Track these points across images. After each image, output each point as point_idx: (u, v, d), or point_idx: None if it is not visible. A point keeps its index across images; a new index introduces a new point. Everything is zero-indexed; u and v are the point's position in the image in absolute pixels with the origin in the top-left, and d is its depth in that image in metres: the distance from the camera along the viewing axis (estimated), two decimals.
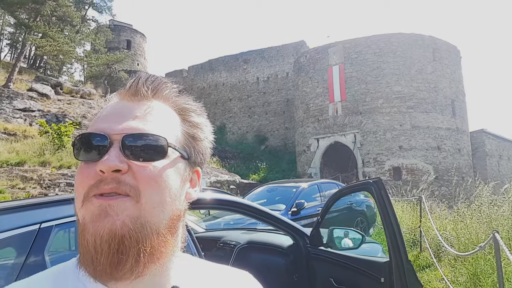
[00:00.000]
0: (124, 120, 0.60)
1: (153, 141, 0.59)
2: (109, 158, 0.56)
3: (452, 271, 5.32)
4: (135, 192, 0.56)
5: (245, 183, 19.15)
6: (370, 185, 2.09)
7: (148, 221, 0.56)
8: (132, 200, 0.55)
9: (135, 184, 0.56)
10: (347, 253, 2.45)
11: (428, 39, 21.69)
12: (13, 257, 1.42)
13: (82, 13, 31.06)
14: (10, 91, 19.15)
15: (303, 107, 24.04)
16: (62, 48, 22.80)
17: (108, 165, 0.55)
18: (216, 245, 3.15)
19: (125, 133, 0.58)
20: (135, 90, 0.64)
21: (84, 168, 0.58)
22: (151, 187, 0.57)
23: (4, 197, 9.39)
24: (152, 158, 0.59)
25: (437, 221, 6.93)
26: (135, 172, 0.57)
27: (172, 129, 0.64)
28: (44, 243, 1.45)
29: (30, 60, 34.15)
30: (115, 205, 0.54)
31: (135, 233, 0.54)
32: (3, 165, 11.61)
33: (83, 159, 0.59)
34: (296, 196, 7.43)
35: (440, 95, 21.16)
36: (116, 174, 0.56)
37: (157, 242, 0.57)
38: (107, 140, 0.58)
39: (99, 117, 0.63)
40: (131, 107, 0.62)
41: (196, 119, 0.69)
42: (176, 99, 0.68)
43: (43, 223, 1.46)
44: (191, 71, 37.10)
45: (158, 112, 0.63)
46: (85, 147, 0.59)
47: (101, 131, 0.59)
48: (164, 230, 0.59)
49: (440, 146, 20.56)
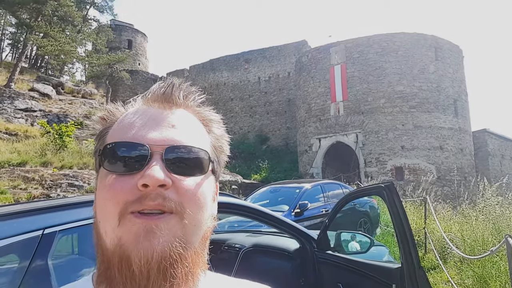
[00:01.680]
0: (162, 129, 0.55)
1: (196, 154, 0.56)
2: (154, 170, 0.51)
3: (458, 273, 5.27)
4: (181, 209, 0.52)
5: (247, 183, 19.11)
6: (381, 189, 2.04)
7: (189, 240, 0.53)
8: (176, 218, 0.52)
9: (180, 200, 0.52)
10: (356, 258, 2.40)
11: (430, 39, 21.63)
12: (16, 263, 1.40)
13: (83, 13, 31.06)
14: (11, 91, 19.15)
15: (305, 107, 24.00)
16: (63, 48, 22.81)
17: (156, 179, 0.50)
18: (221, 248, 3.11)
19: (168, 144, 0.54)
20: (169, 96, 0.60)
21: (116, 181, 0.52)
22: (194, 204, 0.54)
23: (6, 198, 9.37)
24: (193, 172, 0.55)
25: (442, 222, 6.88)
26: (179, 188, 0.53)
27: (205, 141, 0.61)
28: (48, 249, 1.42)
29: (32, 60, 34.16)
30: (162, 225, 0.50)
31: (183, 254, 0.51)
32: (5, 166, 11.59)
33: (117, 170, 0.53)
34: (299, 197, 7.39)
35: (442, 94, 21.10)
36: (160, 189, 0.51)
37: (196, 261, 0.54)
38: (148, 151, 0.53)
39: (127, 123, 0.57)
40: (165, 114, 0.58)
41: (218, 131, 0.66)
42: (201, 109, 0.65)
43: (46, 228, 1.42)
44: (193, 70, 37.10)
45: (191, 122, 0.60)
46: (119, 157, 0.53)
47: (140, 141, 0.53)
48: (199, 248, 0.56)
49: (443, 146, 20.50)
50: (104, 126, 0.61)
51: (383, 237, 6.78)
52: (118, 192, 0.51)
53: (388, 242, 5.54)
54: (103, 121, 0.62)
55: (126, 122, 0.58)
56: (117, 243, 0.50)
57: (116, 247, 0.50)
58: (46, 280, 1.43)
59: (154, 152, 0.53)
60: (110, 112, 0.62)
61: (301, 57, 25.41)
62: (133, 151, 0.53)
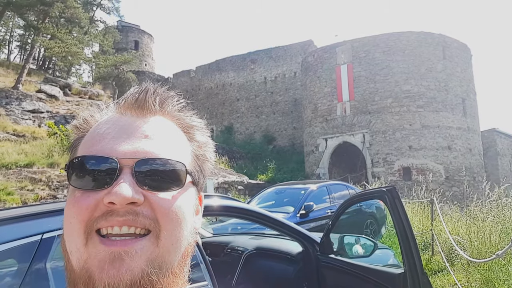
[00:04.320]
0: (134, 140, 0.51)
1: (171, 167, 0.52)
2: (122, 187, 0.47)
3: (466, 276, 5.20)
4: (155, 226, 0.48)
5: (253, 184, 19.09)
6: (383, 193, 2.01)
7: (165, 261, 0.49)
8: (151, 238, 0.48)
9: (155, 217, 0.49)
10: (359, 262, 2.37)
11: (437, 37, 21.43)
12: (14, 268, 1.40)
13: (90, 14, 31.26)
14: (19, 93, 19.31)
15: (311, 107, 23.92)
16: (70, 49, 22.96)
17: (122, 197, 0.46)
18: (224, 250, 3.10)
19: (139, 157, 0.50)
20: (143, 103, 0.56)
21: (82, 197, 0.49)
22: (170, 221, 0.50)
23: (14, 199, 9.45)
24: (169, 186, 0.51)
25: (449, 224, 6.80)
26: (152, 203, 0.49)
27: (184, 151, 0.56)
28: (46, 254, 1.43)
29: (39, 61, 34.48)
30: (133, 250, 0.46)
31: (156, 281, 0.47)
32: (12, 167, 11.69)
33: (83, 186, 0.49)
34: (304, 198, 7.35)
35: (450, 94, 20.90)
36: (130, 206, 0.47)
37: (173, 283, 0.50)
38: (117, 165, 0.49)
39: (97, 134, 0.53)
40: (137, 123, 0.54)
41: (201, 138, 0.61)
42: (181, 115, 0.60)
43: (45, 233, 1.42)
44: (199, 71, 37.18)
45: (167, 131, 0.56)
46: (85, 172, 0.50)
47: (108, 154, 0.50)
48: (177, 268, 0.52)
49: (451, 145, 20.30)
50: (77, 136, 0.58)
51: (390, 238, 6.72)
52: (83, 210, 0.48)
53: (395, 244, 5.49)
54: (76, 130, 0.59)
55: (96, 133, 0.54)
56: (82, 265, 0.47)
57: (82, 270, 0.47)
58: (45, 285, 1.43)
59: (123, 166, 0.49)
60: (84, 120, 0.59)
61: (307, 57, 25.34)
62: (101, 164, 0.49)
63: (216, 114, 34.56)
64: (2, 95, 18.49)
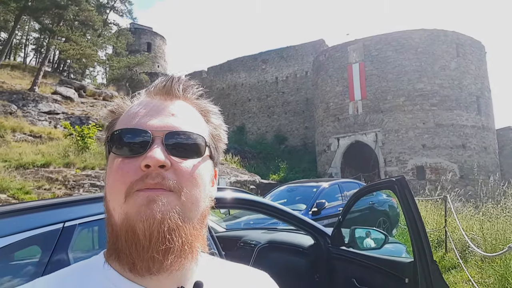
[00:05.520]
0: (163, 118, 0.62)
1: (193, 139, 0.62)
2: (155, 152, 0.57)
3: (479, 272, 5.15)
4: (178, 187, 0.58)
5: (265, 183, 19.13)
6: (393, 183, 2.04)
7: (187, 215, 0.58)
8: (174, 195, 0.57)
9: (178, 180, 0.58)
10: (370, 253, 2.40)
11: (451, 35, 21.18)
12: (38, 254, 1.45)
13: (103, 17, 31.68)
14: (35, 95, 19.74)
15: (323, 106, 23.85)
16: (84, 51, 23.36)
17: (156, 160, 0.56)
18: (237, 244, 3.15)
19: (168, 130, 0.60)
20: (169, 89, 0.65)
21: (123, 163, 0.59)
22: (190, 183, 0.59)
23: (31, 198, 9.66)
24: (191, 155, 0.61)
25: (463, 221, 6.74)
26: (177, 169, 0.59)
27: (204, 128, 0.66)
28: (68, 241, 1.47)
29: (54, 64, 35.11)
30: (162, 196, 0.56)
31: (181, 225, 0.57)
32: (30, 167, 11.96)
33: (123, 154, 0.59)
34: (316, 195, 7.36)
35: (464, 92, 20.63)
36: (160, 169, 0.57)
37: (194, 236, 0.59)
38: (150, 136, 0.59)
39: (132, 113, 0.64)
40: (165, 104, 0.64)
41: (216, 121, 0.71)
42: (200, 100, 0.70)
43: (66, 222, 1.48)
44: (210, 72, 37.37)
45: (189, 112, 0.66)
46: (125, 143, 0.60)
47: (144, 127, 0.60)
48: (197, 224, 0.61)
49: (465, 144, 20.04)
50: (112, 118, 0.68)
51: (403, 236, 6.69)
52: (124, 173, 0.58)
53: (407, 242, 5.47)
54: (112, 114, 0.68)
55: (131, 112, 0.64)
56: (124, 217, 0.56)
57: (123, 220, 0.56)
58: None
59: (155, 137, 0.59)
60: (118, 105, 0.69)
61: (318, 56, 25.27)
62: (137, 136, 0.59)
63: (228, 115, 34.66)
64: (19, 97, 18.92)
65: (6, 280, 1.32)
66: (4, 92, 18.97)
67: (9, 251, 1.33)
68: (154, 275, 0.56)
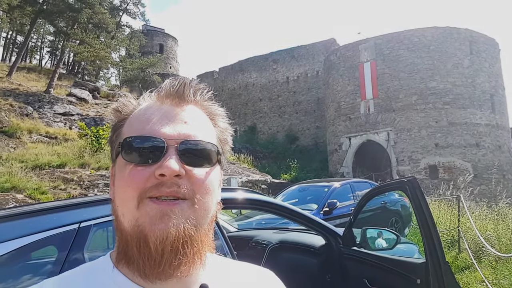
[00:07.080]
0: (176, 125, 0.62)
1: (206, 148, 0.63)
2: (171, 162, 0.57)
3: (493, 273, 5.08)
4: (192, 195, 0.59)
5: (276, 183, 19.10)
6: (404, 184, 2.04)
7: (199, 222, 0.60)
8: (188, 203, 0.59)
9: (192, 188, 0.59)
10: (381, 254, 2.39)
11: (464, 32, 20.84)
12: (55, 254, 1.48)
13: (116, 20, 32.05)
14: (51, 97, 20.08)
15: (334, 106, 23.72)
16: (98, 53, 23.67)
17: (172, 170, 0.57)
18: (248, 244, 3.17)
19: (182, 139, 0.61)
20: (181, 94, 0.65)
21: (136, 170, 0.59)
22: (204, 191, 0.61)
23: (47, 198, 9.84)
24: (203, 164, 0.62)
25: (477, 221, 6.65)
26: (191, 177, 0.60)
27: (214, 135, 0.67)
28: (84, 242, 1.49)
29: (69, 66, 35.67)
30: (176, 209, 0.57)
31: (193, 235, 0.58)
32: (46, 167, 12.18)
33: (136, 161, 0.59)
34: (328, 195, 7.33)
35: (478, 90, 20.29)
36: (175, 178, 0.58)
37: (204, 241, 0.61)
38: (165, 145, 0.59)
39: (145, 118, 0.63)
40: (177, 111, 0.64)
41: (223, 125, 0.72)
42: (208, 104, 0.70)
43: (82, 222, 1.51)
44: (222, 72, 37.50)
45: (200, 118, 0.66)
46: (138, 150, 0.60)
47: (158, 135, 0.60)
48: (207, 229, 0.63)
49: (479, 143, 19.71)
50: (118, 118, 0.68)
51: (415, 236, 6.63)
52: (137, 180, 0.58)
53: (420, 241, 5.42)
54: (117, 113, 0.68)
55: (143, 117, 0.64)
56: (134, 224, 0.57)
57: (134, 227, 0.57)
58: None
59: (169, 146, 0.59)
60: (124, 104, 0.69)
61: (329, 55, 25.14)
62: (151, 144, 0.60)
63: (239, 115, 34.73)
64: (35, 99, 19.27)
65: (26, 278, 1.36)
66: (20, 94, 19.34)
67: (27, 251, 1.36)
68: (163, 281, 0.58)
